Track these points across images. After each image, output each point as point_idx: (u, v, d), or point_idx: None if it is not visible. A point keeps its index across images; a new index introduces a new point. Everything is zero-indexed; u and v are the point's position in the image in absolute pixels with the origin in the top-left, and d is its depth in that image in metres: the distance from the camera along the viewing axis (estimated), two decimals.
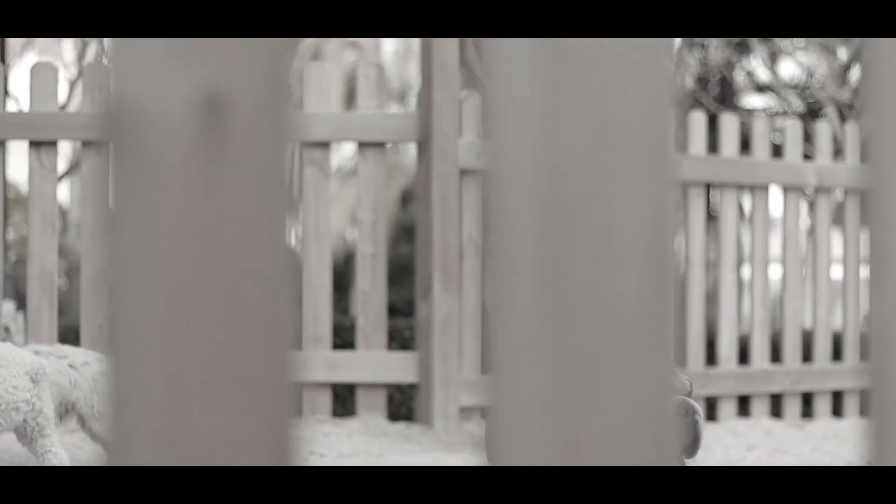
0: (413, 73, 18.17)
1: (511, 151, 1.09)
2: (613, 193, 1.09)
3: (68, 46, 13.88)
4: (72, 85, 12.47)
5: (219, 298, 1.04)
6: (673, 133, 1.12)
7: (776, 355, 7.01)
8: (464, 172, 6.03)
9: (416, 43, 16.67)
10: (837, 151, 7.50)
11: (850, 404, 7.04)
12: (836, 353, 7.17)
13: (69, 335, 5.78)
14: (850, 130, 7.16)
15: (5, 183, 5.94)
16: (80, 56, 13.24)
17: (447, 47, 5.96)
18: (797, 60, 13.51)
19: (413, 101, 17.60)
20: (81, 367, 4.24)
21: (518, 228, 1.08)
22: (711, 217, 6.83)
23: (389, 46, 17.74)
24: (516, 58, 1.09)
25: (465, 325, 6.02)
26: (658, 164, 1.11)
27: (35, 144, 5.78)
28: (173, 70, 1.03)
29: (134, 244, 1.04)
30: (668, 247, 1.11)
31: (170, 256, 1.04)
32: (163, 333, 1.04)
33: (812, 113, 13.00)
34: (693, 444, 2.41)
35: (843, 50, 12.28)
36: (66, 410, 4.25)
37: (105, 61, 6.25)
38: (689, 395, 2.50)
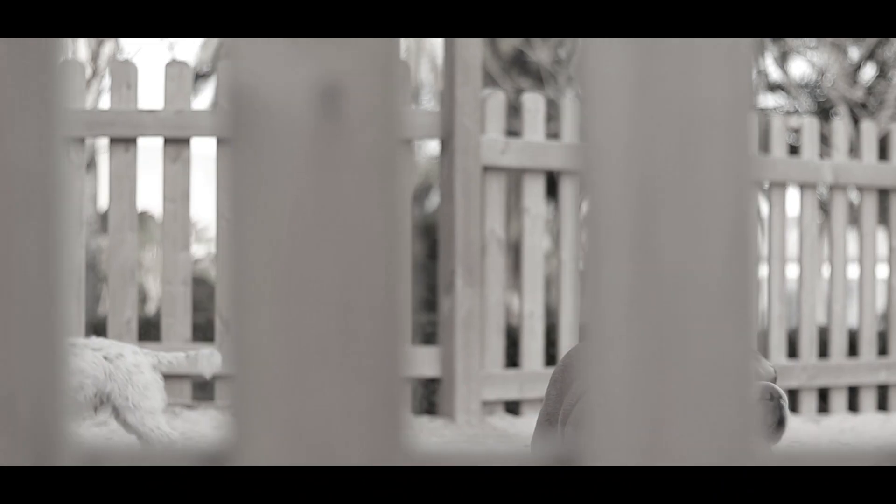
0: (424, 72, 18.24)
1: (605, 146, 1.15)
2: (699, 184, 1.16)
3: (82, 45, 13.96)
4: (87, 83, 12.55)
5: (335, 275, 1.11)
6: (753, 128, 1.19)
7: (793, 351, 7.08)
8: (486, 169, 6.10)
9: (427, 42, 16.72)
10: (850, 150, 7.56)
11: (866, 399, 7.10)
12: (852, 349, 7.24)
13: (86, 330, 5.86)
14: (867, 128, 7.21)
15: None
16: (95, 55, 13.32)
17: (470, 46, 6.03)
18: (808, 60, 13.57)
19: (425, 98, 17.68)
20: (116, 359, 4.31)
21: (612, 217, 1.15)
22: None
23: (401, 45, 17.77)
24: (609, 58, 1.15)
25: (487, 320, 6.09)
26: (739, 157, 1.18)
27: None
28: (294, 64, 1.11)
29: (255, 224, 1.11)
30: (749, 232, 1.18)
31: (289, 234, 1.11)
32: (282, 310, 1.11)
33: (823, 112, 13.06)
34: (778, 427, 2.45)
35: (854, 49, 12.34)
36: (100, 402, 4.33)
37: (120, 58, 6.33)
38: (774, 381, 2.55)
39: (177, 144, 5.95)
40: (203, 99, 18.14)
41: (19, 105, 1.07)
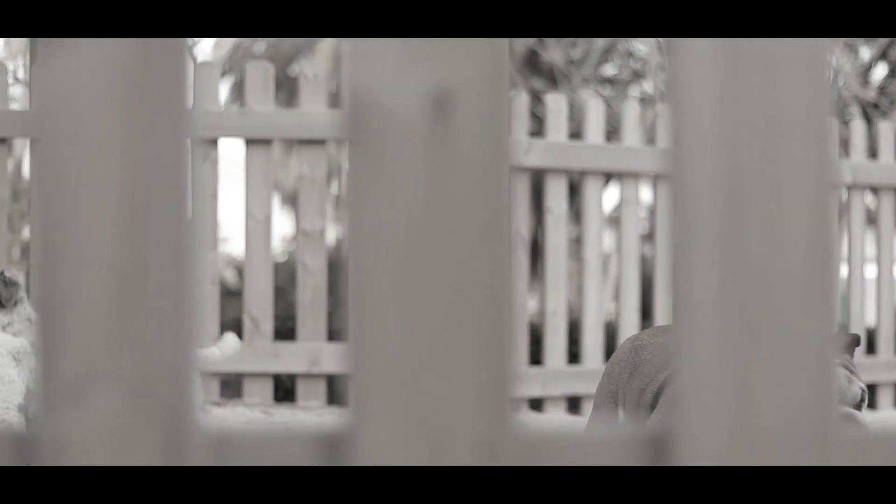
0: None
1: (695, 149, 1.22)
2: (782, 182, 1.23)
3: None
4: None
5: (447, 270, 1.18)
6: (831, 125, 1.25)
7: None
8: (510, 169, 6.16)
9: None
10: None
11: (884, 397, 7.16)
12: (870, 348, 7.30)
13: None
14: (884, 129, 7.27)
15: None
16: None
17: None
18: None
19: None
20: None
21: (701, 214, 1.22)
22: None
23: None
24: (698, 66, 1.22)
25: (511, 318, 6.14)
26: (819, 156, 1.24)
27: None
28: (407, 68, 1.17)
29: (371, 220, 1.18)
30: (830, 226, 1.24)
31: (403, 231, 1.18)
32: (396, 303, 1.17)
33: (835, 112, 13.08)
34: None
35: (865, 49, 12.38)
36: None
37: None
38: (862, 401, 2.49)
39: (205, 145, 6.01)
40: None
41: (157, 106, 1.14)
